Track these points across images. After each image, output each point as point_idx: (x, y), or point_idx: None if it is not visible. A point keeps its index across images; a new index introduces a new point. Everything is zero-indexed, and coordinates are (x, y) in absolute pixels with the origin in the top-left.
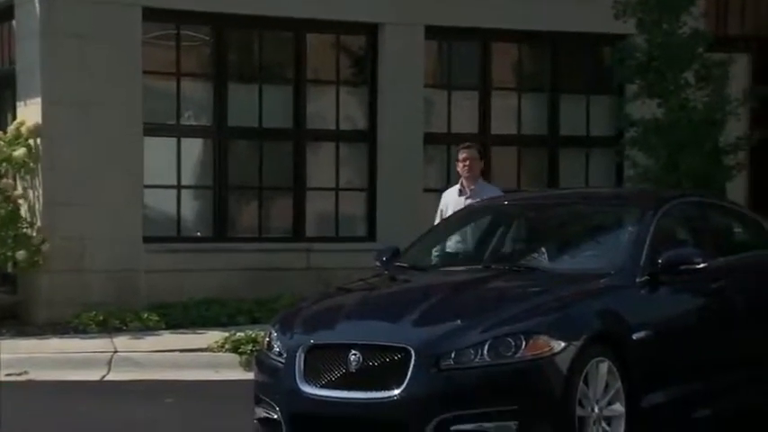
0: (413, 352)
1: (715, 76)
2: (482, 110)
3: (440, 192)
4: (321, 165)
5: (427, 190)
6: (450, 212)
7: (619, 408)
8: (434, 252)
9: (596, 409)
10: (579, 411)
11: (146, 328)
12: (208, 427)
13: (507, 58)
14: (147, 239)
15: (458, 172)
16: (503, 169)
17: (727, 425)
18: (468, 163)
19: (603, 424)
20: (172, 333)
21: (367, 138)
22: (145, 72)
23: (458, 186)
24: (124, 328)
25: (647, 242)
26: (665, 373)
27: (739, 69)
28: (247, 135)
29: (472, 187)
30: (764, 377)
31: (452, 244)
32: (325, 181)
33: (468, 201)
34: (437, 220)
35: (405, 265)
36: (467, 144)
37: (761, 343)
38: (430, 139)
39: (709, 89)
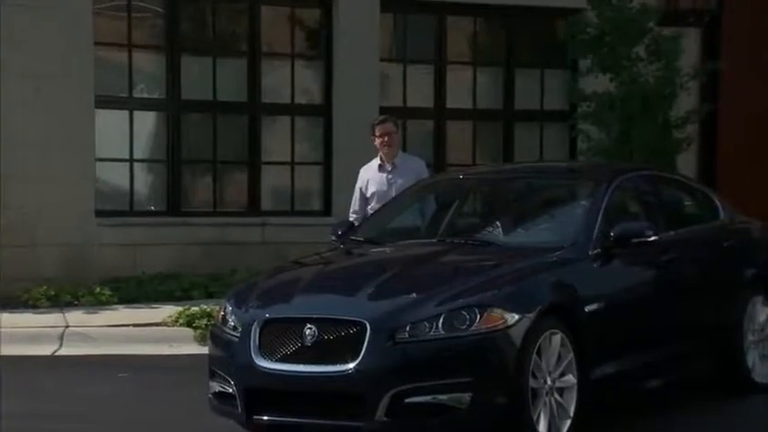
0: (368, 325)
1: (666, 50)
2: (437, 84)
3: None
4: (276, 138)
5: None
6: (371, 189)
7: (571, 379)
8: (389, 226)
9: (549, 381)
10: (532, 383)
11: (98, 303)
12: (162, 401)
13: (462, 32)
14: (99, 213)
15: (375, 147)
16: (458, 143)
17: (677, 395)
18: (386, 139)
19: (556, 395)
20: (125, 308)
21: (322, 112)
22: (96, 44)
23: (376, 162)
24: (76, 302)
25: (600, 216)
26: (617, 344)
27: (690, 43)
28: (201, 108)
29: (393, 161)
30: (713, 348)
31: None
32: (281, 155)
33: (392, 177)
34: (356, 199)
35: (360, 239)
36: (382, 118)
37: (709, 314)
38: (385, 113)
39: (661, 63)
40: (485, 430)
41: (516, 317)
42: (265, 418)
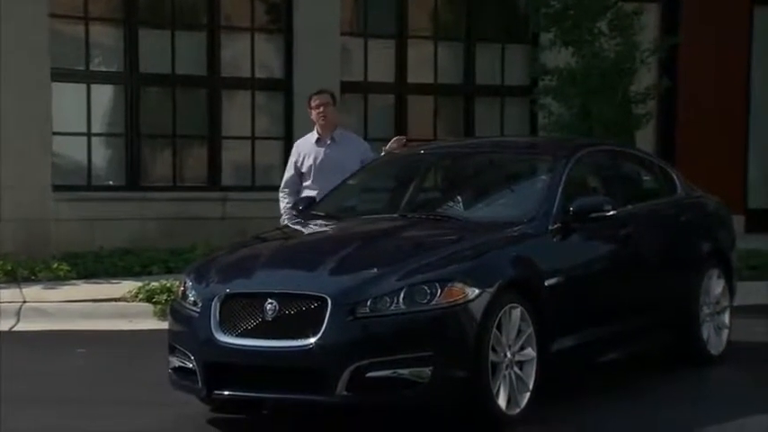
0: (329, 300)
1: (626, 25)
2: (398, 58)
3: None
4: (237, 113)
5: None
6: (307, 164)
7: (530, 352)
8: (350, 201)
9: (509, 354)
10: (492, 357)
11: (56, 278)
12: (121, 376)
13: (424, 6)
14: (56, 188)
15: (311, 120)
16: (419, 118)
17: (633, 367)
18: (322, 110)
19: (515, 368)
20: (83, 283)
21: (283, 86)
22: (52, 15)
23: (314, 135)
24: (33, 278)
25: (560, 191)
26: (575, 318)
27: (650, 19)
28: (160, 82)
29: (332, 136)
30: (670, 320)
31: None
32: (241, 129)
33: (330, 151)
34: (289, 173)
35: (321, 214)
36: (319, 89)
37: (666, 288)
38: (347, 87)
39: (621, 39)
40: (445, 404)
41: (477, 291)
42: (226, 392)
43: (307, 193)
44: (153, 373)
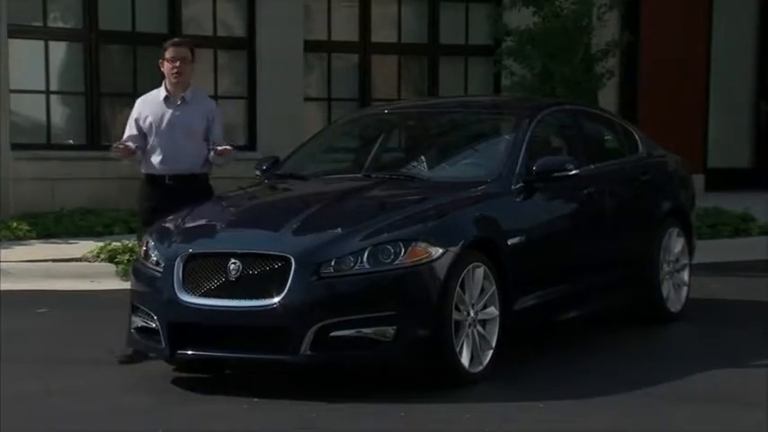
0: (293, 260)
1: None
2: (362, 17)
3: (319, 101)
4: (198, 72)
5: (308, 99)
6: (148, 121)
7: (493, 311)
8: (313, 161)
9: (472, 313)
10: (455, 315)
11: (15, 238)
12: (83, 336)
13: None
14: (15, 146)
15: (163, 73)
16: (383, 78)
17: (593, 324)
18: (178, 65)
19: (478, 327)
20: (43, 243)
21: (246, 45)
22: None
23: (161, 93)
24: None
25: (523, 150)
26: (539, 276)
27: None
28: (120, 39)
29: (183, 95)
30: (631, 278)
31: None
32: (203, 88)
33: (179, 113)
34: (131, 131)
35: (284, 174)
36: (176, 41)
37: (628, 246)
38: (310, 46)
39: None
40: (409, 362)
41: (440, 251)
42: (189, 352)
43: (153, 154)
44: (115, 332)
